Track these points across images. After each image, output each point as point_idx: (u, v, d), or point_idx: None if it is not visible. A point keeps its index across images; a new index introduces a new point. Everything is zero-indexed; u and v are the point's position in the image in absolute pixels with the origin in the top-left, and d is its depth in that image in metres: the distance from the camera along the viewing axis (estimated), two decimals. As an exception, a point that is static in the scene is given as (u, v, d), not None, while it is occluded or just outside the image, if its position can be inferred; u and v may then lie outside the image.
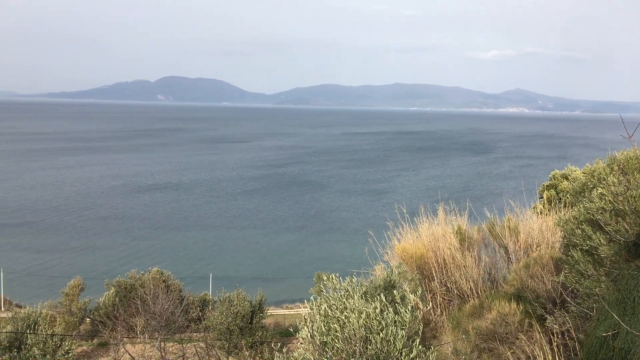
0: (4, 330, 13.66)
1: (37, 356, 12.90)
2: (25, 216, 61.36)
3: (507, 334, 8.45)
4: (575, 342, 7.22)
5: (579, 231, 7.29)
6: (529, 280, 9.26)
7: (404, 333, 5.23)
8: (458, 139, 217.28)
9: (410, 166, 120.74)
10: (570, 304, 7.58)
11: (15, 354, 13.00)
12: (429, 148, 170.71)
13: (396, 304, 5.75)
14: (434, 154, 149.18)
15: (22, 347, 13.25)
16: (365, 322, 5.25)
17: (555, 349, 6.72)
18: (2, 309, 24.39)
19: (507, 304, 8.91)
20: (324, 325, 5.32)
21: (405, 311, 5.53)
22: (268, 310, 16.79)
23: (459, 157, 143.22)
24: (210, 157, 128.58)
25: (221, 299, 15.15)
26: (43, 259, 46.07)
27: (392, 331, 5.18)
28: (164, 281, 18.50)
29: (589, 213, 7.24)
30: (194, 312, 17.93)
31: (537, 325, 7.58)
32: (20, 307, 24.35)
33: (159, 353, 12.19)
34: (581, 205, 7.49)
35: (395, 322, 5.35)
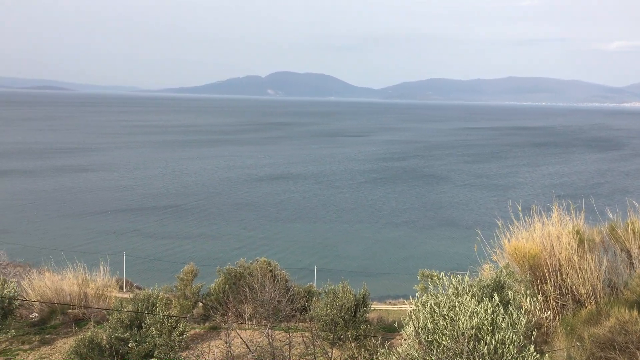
0: (125, 310, 14.66)
1: (154, 335, 13.74)
2: (148, 203, 65.68)
3: (626, 343, 7.88)
4: None
5: None
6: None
7: (520, 337, 5.02)
8: (578, 135, 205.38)
9: (527, 162, 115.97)
10: None
11: (136, 332, 13.93)
12: (547, 144, 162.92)
13: (508, 306, 5.52)
14: (552, 150, 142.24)
15: (142, 326, 14.18)
16: (477, 322, 5.09)
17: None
18: (124, 289, 26.25)
19: (627, 311, 8.32)
20: (431, 322, 5.22)
21: (519, 314, 5.29)
22: (372, 304, 16.78)
23: (579, 153, 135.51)
24: (325, 150, 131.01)
25: (326, 290, 15.33)
26: (160, 244, 49.07)
27: (508, 335, 4.98)
28: (270, 271, 19.01)
29: None
30: (299, 303, 18.29)
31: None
32: (139, 288, 26.08)
33: (267, 340, 12.55)
34: None
35: (508, 324, 5.14)
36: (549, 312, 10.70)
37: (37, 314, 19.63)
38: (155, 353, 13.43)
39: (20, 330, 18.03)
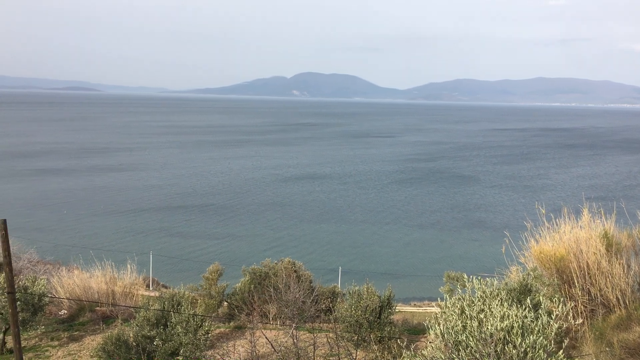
0: (152, 308, 14.83)
1: (180, 334, 13.87)
2: (175, 202, 66.37)
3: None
4: None
5: None
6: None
7: (550, 342, 4.94)
8: (610, 137, 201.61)
9: (556, 164, 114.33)
10: None
11: (162, 330, 14.08)
12: (577, 145, 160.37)
13: (537, 310, 5.44)
14: (582, 152, 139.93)
15: (168, 324, 14.32)
16: (507, 324, 5.02)
17: None
18: (151, 288, 26.57)
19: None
20: (461, 323, 5.17)
21: (549, 318, 5.21)
22: (396, 306, 16.70)
23: (610, 155, 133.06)
24: (351, 151, 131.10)
25: (350, 291, 15.30)
26: (186, 243, 49.54)
27: (538, 339, 4.90)
28: (295, 271, 19.05)
29: None
30: (323, 303, 18.29)
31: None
32: (165, 287, 26.37)
33: (291, 340, 12.59)
34: None
35: (540, 328, 5.07)
36: (577, 317, 10.53)
37: (66, 311, 19.99)
38: (181, 351, 13.56)
39: (50, 326, 18.37)
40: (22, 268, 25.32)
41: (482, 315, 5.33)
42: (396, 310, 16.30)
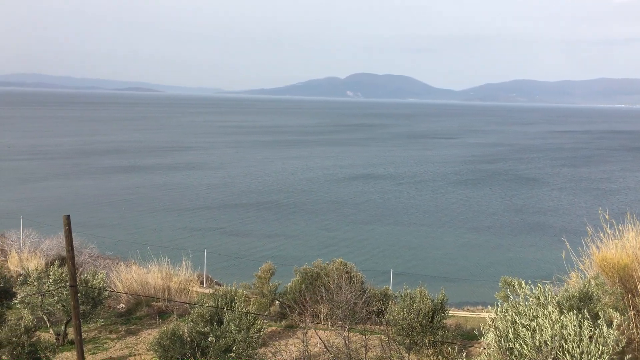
0: (206, 305, 15.10)
1: (233, 331, 14.06)
2: (230, 201, 67.50)
3: None
4: None
5: None
6: None
7: (608, 350, 4.73)
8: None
9: (620, 167, 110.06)
10: None
11: (216, 327, 14.31)
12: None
13: (596, 318, 5.21)
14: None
15: (222, 321, 14.54)
16: (561, 333, 4.83)
17: None
18: (204, 285, 27.04)
19: None
20: (512, 332, 5.01)
21: (609, 328, 4.98)
22: (449, 310, 16.42)
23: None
24: (406, 152, 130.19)
25: (402, 294, 15.15)
26: (240, 242, 50.23)
27: (594, 349, 4.70)
28: (347, 272, 19.01)
29: None
30: (374, 305, 18.17)
31: None
32: (219, 284, 26.79)
33: (343, 341, 12.56)
34: None
35: (597, 338, 4.85)
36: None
37: (123, 305, 20.61)
38: (234, 348, 13.74)
39: (108, 319, 18.99)
40: (83, 262, 26.27)
41: (535, 323, 5.16)
42: (449, 314, 16.03)
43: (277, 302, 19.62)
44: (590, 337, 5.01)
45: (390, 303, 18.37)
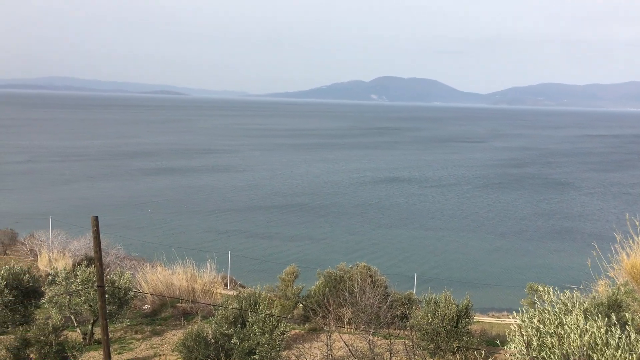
0: (230, 307, 15.18)
1: (257, 333, 14.10)
2: (255, 203, 67.84)
3: None
4: None
5: None
6: None
7: (635, 358, 4.62)
8: None
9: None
10: None
11: (240, 329, 14.37)
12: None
13: (626, 326, 5.10)
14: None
15: (246, 323, 14.60)
16: (589, 341, 4.74)
17: None
18: (229, 287, 27.20)
19: None
20: (537, 340, 4.94)
21: (638, 335, 4.87)
22: (474, 316, 16.25)
23: None
24: (432, 156, 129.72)
25: (427, 299, 15.04)
26: (264, 244, 50.41)
27: (624, 356, 4.59)
28: (370, 276, 18.94)
29: None
30: (398, 310, 18.07)
31: None
32: (243, 287, 26.92)
33: (367, 345, 12.52)
34: None
35: (625, 346, 4.75)
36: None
37: (149, 306, 20.83)
38: (257, 351, 13.78)
39: (134, 320, 19.20)
40: (110, 263, 26.66)
41: (561, 330, 5.07)
42: (474, 320, 15.86)
43: (301, 305, 19.63)
44: (618, 345, 4.91)
45: (414, 308, 18.26)
